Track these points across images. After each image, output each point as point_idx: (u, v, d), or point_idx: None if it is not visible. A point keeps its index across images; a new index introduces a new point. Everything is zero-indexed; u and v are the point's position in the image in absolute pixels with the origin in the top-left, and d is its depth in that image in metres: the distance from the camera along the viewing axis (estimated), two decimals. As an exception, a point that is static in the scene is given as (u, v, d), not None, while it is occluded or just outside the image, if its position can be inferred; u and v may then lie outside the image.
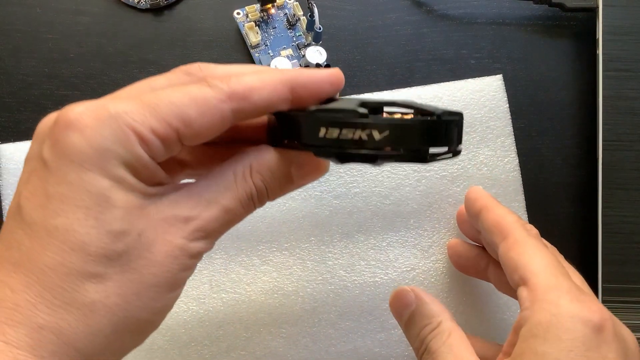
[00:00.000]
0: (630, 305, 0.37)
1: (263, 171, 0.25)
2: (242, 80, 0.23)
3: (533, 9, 0.43)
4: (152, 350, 0.36)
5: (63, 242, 0.21)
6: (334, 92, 0.25)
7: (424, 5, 0.43)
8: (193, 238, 0.23)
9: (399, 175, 0.39)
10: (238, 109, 0.23)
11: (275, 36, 0.41)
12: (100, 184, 0.21)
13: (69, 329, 0.21)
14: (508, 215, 0.31)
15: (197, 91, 0.23)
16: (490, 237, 0.31)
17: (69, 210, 0.21)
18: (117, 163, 0.21)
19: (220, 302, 0.37)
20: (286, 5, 0.42)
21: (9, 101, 0.39)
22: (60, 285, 0.21)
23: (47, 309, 0.21)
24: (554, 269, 0.28)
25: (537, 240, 0.30)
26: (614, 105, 0.39)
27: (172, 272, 0.23)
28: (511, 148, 0.39)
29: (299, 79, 0.24)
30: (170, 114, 0.22)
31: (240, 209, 0.24)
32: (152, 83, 0.24)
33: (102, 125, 0.21)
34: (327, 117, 0.23)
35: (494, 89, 0.40)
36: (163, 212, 0.23)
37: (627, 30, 0.40)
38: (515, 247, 0.29)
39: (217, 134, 0.24)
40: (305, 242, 0.38)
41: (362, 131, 0.23)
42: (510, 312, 0.38)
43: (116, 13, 0.41)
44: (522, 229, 0.30)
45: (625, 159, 0.38)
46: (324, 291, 0.37)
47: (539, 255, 0.28)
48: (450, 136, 0.24)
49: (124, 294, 0.22)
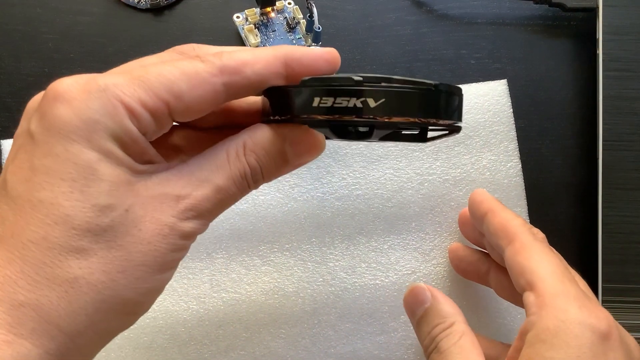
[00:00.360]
0: (630, 305, 0.37)
1: (257, 150, 0.24)
2: (235, 55, 0.23)
3: (533, 9, 0.43)
4: (151, 348, 0.36)
5: (46, 216, 0.20)
6: (330, 71, 0.25)
7: (424, 5, 0.43)
8: (184, 217, 0.23)
9: (402, 178, 0.39)
10: (230, 83, 0.23)
11: (275, 39, 0.41)
12: (87, 156, 0.21)
13: (50, 306, 0.20)
14: (514, 218, 0.31)
15: (189, 65, 0.22)
16: (496, 241, 0.31)
17: (54, 183, 0.21)
18: (105, 135, 0.21)
19: (220, 301, 0.37)
20: (286, 9, 0.42)
21: (9, 101, 0.39)
22: (42, 261, 0.20)
23: (28, 285, 0.20)
24: (561, 274, 0.27)
25: (544, 245, 0.30)
26: (614, 105, 0.39)
27: (160, 252, 0.22)
28: (514, 153, 0.39)
29: (294, 55, 0.24)
30: (160, 87, 0.22)
31: (233, 188, 0.24)
32: (143, 61, 0.24)
33: (90, 98, 0.21)
34: (321, 85, 0.23)
35: (498, 93, 0.40)
36: (153, 189, 0.22)
37: (627, 30, 0.40)
38: (522, 252, 0.29)
39: (209, 110, 0.23)
40: (306, 243, 0.38)
41: (356, 99, 0.22)
42: (510, 317, 0.38)
43: (116, 13, 0.41)
44: (529, 233, 0.30)
45: (625, 159, 0.38)
46: (324, 293, 0.37)
47: (546, 260, 0.28)
48: (449, 109, 0.24)
49: (109, 271, 0.21)
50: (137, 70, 0.22)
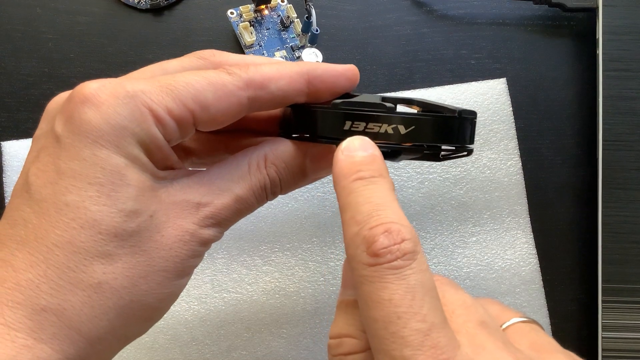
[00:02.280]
0: (630, 305, 0.37)
1: (278, 162, 0.25)
2: (260, 69, 0.23)
3: (533, 9, 0.43)
4: (153, 349, 0.36)
5: (73, 220, 0.20)
6: (350, 87, 0.25)
7: (424, 5, 0.43)
8: (204, 225, 0.23)
9: (402, 177, 0.39)
10: (255, 97, 0.23)
11: (269, 37, 0.41)
12: (115, 161, 0.21)
13: (72, 311, 0.20)
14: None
15: (215, 76, 0.23)
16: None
17: (81, 187, 0.21)
18: (132, 142, 0.21)
19: (221, 301, 0.37)
20: (279, 7, 0.42)
21: (9, 101, 0.39)
22: (67, 265, 0.20)
23: (51, 290, 0.20)
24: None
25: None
26: (614, 105, 0.39)
27: (180, 257, 0.22)
28: (514, 151, 0.40)
29: (316, 72, 0.24)
30: (188, 96, 0.22)
31: (252, 199, 0.24)
32: (164, 66, 0.24)
33: (119, 103, 0.21)
34: (354, 110, 0.23)
35: (497, 92, 0.40)
36: (175, 196, 0.22)
37: (627, 30, 0.40)
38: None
39: (231, 121, 0.24)
40: (307, 242, 0.38)
41: (388, 125, 0.23)
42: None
43: (116, 13, 0.41)
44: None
45: (625, 159, 0.38)
46: (325, 292, 0.37)
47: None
48: (471, 135, 0.25)
49: (132, 276, 0.21)
50: (164, 78, 0.22)
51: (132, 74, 0.24)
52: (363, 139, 0.23)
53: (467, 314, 0.22)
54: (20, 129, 0.39)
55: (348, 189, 0.22)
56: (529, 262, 0.38)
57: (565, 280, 0.39)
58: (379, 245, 0.20)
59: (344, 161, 0.23)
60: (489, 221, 0.39)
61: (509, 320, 0.24)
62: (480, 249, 0.38)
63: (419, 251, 0.21)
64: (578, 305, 0.39)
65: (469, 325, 0.21)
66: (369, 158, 0.23)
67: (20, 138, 0.38)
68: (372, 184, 0.22)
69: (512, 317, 0.24)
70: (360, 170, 0.22)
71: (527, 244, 0.39)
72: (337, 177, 0.23)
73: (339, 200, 0.23)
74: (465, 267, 0.38)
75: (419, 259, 0.20)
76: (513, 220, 0.39)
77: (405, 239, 0.20)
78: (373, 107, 0.23)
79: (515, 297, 0.38)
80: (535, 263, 0.38)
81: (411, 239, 0.20)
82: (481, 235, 0.39)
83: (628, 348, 0.37)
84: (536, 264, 0.38)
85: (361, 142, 0.23)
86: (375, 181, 0.22)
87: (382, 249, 0.20)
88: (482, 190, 0.39)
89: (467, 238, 0.38)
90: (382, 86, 0.41)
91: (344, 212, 0.22)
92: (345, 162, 0.23)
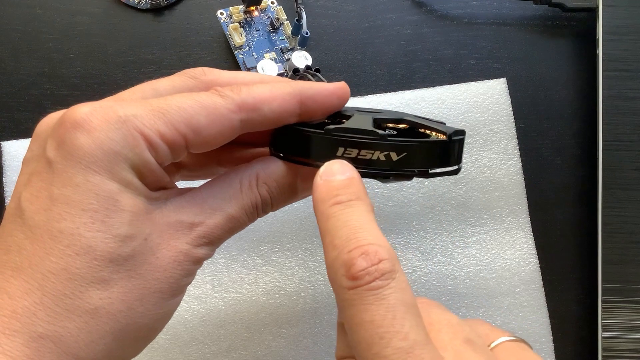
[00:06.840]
0: (630, 305, 0.37)
1: (269, 182, 0.25)
2: (253, 91, 0.23)
3: (533, 9, 0.43)
4: (153, 349, 0.36)
5: (67, 247, 0.20)
6: (341, 105, 0.26)
7: (424, 5, 0.43)
8: (197, 244, 0.23)
9: (401, 176, 0.39)
10: (247, 120, 0.23)
11: (258, 39, 0.41)
12: (109, 187, 0.21)
13: (69, 337, 0.20)
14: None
15: (208, 99, 0.23)
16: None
17: (75, 213, 0.21)
18: (125, 167, 0.21)
19: (221, 301, 0.37)
20: (269, 9, 0.42)
21: (9, 101, 0.39)
22: (63, 292, 0.20)
23: (47, 317, 0.20)
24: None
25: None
26: (614, 105, 0.39)
27: (175, 278, 0.22)
28: (514, 151, 0.40)
29: (308, 92, 0.24)
30: (180, 120, 0.22)
31: (244, 217, 0.24)
32: (155, 85, 0.24)
33: (111, 128, 0.21)
34: (347, 137, 0.23)
35: (497, 92, 0.40)
36: (168, 217, 0.23)
37: (627, 30, 0.40)
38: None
39: (223, 143, 0.24)
40: (307, 242, 0.38)
41: (380, 152, 0.23)
42: (512, 316, 0.38)
43: (116, 13, 0.41)
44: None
45: (625, 159, 0.38)
46: (325, 292, 0.37)
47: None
48: (459, 155, 0.25)
49: (128, 300, 0.21)
50: (155, 101, 0.22)
51: (122, 94, 0.24)
52: (342, 162, 0.23)
53: (454, 332, 0.22)
54: (20, 129, 0.39)
55: (326, 214, 0.22)
56: (529, 262, 0.38)
57: (565, 280, 0.39)
58: (357, 268, 0.20)
59: (322, 186, 0.23)
60: (489, 221, 0.39)
61: (497, 339, 0.24)
62: (480, 249, 0.38)
63: (398, 270, 0.21)
64: (578, 305, 0.39)
65: (455, 342, 0.22)
66: (346, 182, 0.23)
67: (20, 138, 0.38)
68: (349, 207, 0.22)
69: (500, 337, 0.24)
70: (337, 195, 0.22)
71: (527, 244, 0.39)
72: (316, 202, 0.23)
73: (319, 225, 0.23)
74: (465, 267, 0.38)
75: (398, 277, 0.20)
76: (513, 220, 0.39)
77: (382, 259, 0.20)
78: (366, 135, 0.23)
79: (515, 297, 0.38)
80: (535, 263, 0.38)
81: (389, 258, 0.20)
82: (481, 235, 0.39)
83: (628, 348, 0.37)
84: (536, 264, 0.38)
85: (340, 165, 0.23)
86: (352, 204, 0.22)
87: (360, 271, 0.20)
88: (482, 190, 0.39)
89: (467, 238, 0.38)
90: (382, 86, 0.41)
91: (323, 237, 0.22)
92: (324, 187, 0.23)
